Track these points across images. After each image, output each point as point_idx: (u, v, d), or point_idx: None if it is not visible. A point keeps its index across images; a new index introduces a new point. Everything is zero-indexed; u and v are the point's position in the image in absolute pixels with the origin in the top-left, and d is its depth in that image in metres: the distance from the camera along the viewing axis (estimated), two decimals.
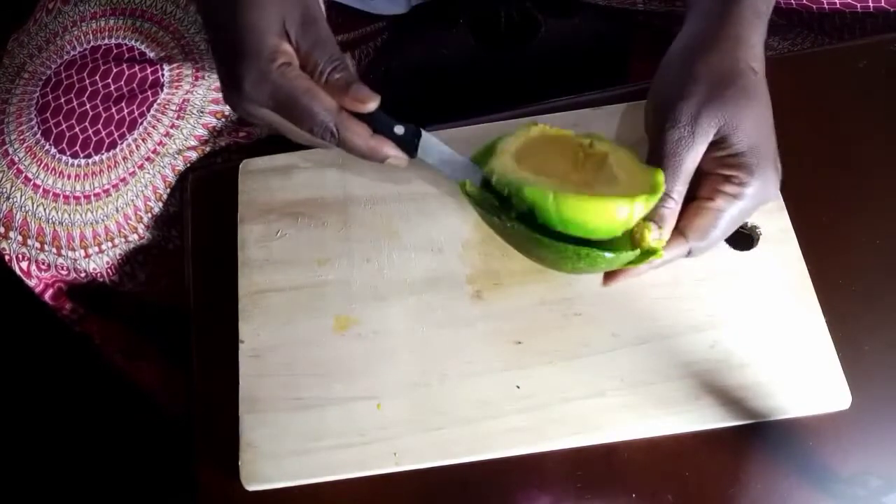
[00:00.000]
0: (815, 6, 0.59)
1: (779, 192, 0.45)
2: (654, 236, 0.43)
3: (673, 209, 0.44)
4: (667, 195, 0.43)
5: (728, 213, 0.44)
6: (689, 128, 0.43)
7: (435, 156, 0.48)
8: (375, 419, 0.48)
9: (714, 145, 0.44)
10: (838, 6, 0.58)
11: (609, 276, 0.46)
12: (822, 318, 0.49)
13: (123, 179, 0.57)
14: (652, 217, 0.43)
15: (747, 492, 0.46)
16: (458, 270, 0.51)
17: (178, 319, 0.57)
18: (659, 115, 0.44)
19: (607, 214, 0.41)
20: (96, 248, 0.59)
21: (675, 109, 0.43)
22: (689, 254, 0.45)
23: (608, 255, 0.42)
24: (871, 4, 0.58)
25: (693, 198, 0.45)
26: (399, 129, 0.47)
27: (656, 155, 0.44)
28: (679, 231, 0.45)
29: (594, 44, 0.72)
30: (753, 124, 0.43)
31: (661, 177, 0.43)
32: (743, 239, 0.52)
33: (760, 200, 0.44)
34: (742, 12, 0.45)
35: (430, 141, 0.48)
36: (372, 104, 0.45)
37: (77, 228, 0.57)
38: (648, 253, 0.43)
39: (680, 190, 0.44)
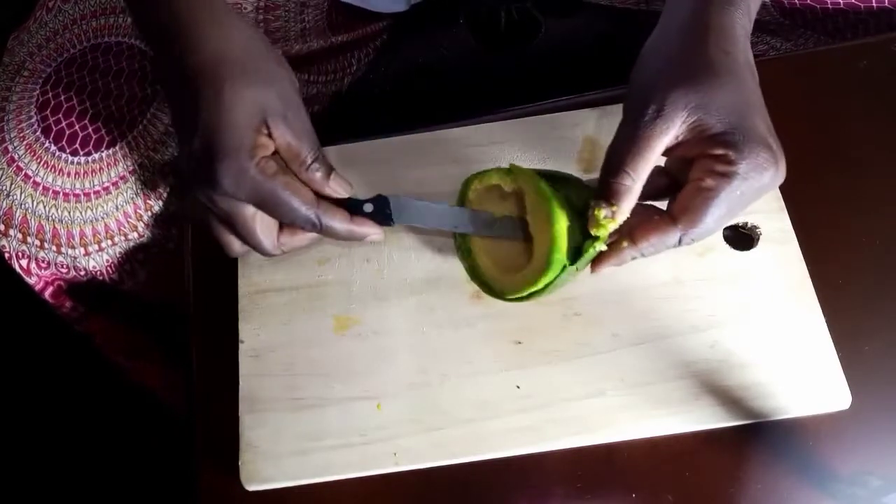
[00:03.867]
0: (818, 6, 0.59)
1: (780, 174, 0.43)
2: (605, 215, 0.42)
3: (628, 186, 0.42)
4: (620, 170, 0.42)
5: (720, 194, 0.42)
6: (653, 109, 0.42)
7: (415, 217, 0.49)
8: (375, 419, 0.48)
9: (694, 130, 0.42)
10: (842, 6, 0.58)
11: (594, 264, 0.45)
12: (822, 318, 0.49)
13: (123, 177, 0.57)
14: (603, 196, 0.43)
15: (747, 492, 0.46)
16: (458, 270, 0.51)
17: (177, 319, 0.57)
18: (630, 104, 0.44)
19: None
20: (96, 247, 0.59)
21: (645, 96, 0.43)
22: (680, 242, 0.43)
23: (571, 266, 0.44)
24: (874, 4, 0.58)
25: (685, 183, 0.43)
26: (368, 207, 0.48)
27: (617, 136, 0.43)
28: (669, 215, 0.43)
29: (594, 44, 0.72)
30: (729, 103, 0.42)
31: (560, 227, 0.44)
32: (743, 239, 0.52)
33: (757, 183, 0.42)
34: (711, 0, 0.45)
35: (402, 203, 0.49)
36: (348, 192, 0.48)
37: (77, 226, 0.57)
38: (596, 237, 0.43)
39: (636, 167, 0.42)
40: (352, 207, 0.48)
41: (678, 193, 0.43)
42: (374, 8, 0.68)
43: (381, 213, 0.48)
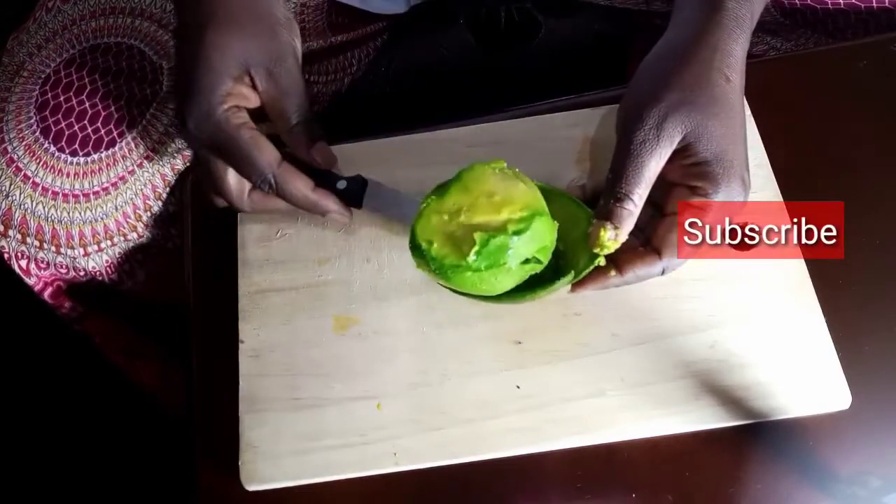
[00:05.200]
0: (818, 6, 0.59)
1: (747, 200, 0.44)
2: (609, 236, 0.43)
3: (632, 210, 0.43)
4: (626, 196, 0.43)
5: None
6: (654, 131, 0.42)
7: (384, 205, 0.48)
8: (375, 419, 0.48)
9: (680, 153, 0.43)
10: (842, 6, 0.58)
11: (575, 285, 0.46)
12: (822, 318, 0.49)
13: (122, 178, 0.57)
14: (608, 217, 0.43)
15: (747, 492, 0.46)
16: None
17: (177, 319, 0.57)
18: (627, 118, 0.44)
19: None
20: (95, 247, 0.59)
21: (643, 113, 0.43)
22: (663, 272, 0.45)
23: (563, 279, 0.44)
24: (874, 4, 0.58)
25: (664, 214, 0.45)
26: (342, 184, 0.47)
27: (619, 156, 0.44)
28: (653, 248, 0.45)
29: (594, 44, 0.72)
30: (720, 133, 0.43)
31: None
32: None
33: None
34: (722, 20, 0.44)
35: (378, 190, 0.48)
36: (331, 164, 0.47)
37: (76, 227, 0.57)
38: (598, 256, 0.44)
39: (640, 193, 0.43)
40: (324, 180, 0.47)
41: (658, 226, 0.45)
42: (373, 9, 0.68)
43: (353, 193, 0.47)
